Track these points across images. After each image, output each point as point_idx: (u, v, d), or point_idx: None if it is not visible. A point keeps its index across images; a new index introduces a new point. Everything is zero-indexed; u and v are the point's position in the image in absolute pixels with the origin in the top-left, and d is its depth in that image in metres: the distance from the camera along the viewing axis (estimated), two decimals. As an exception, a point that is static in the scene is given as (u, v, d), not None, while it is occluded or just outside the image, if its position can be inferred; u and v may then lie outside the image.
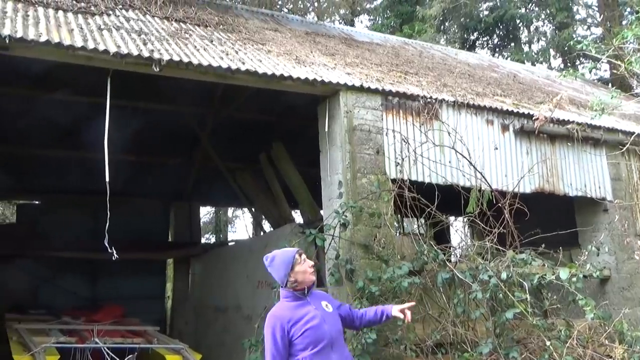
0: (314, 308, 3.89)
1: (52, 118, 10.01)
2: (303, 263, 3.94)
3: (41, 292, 12.00)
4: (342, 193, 7.01)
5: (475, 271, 6.00)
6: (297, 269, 3.92)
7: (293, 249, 4.07)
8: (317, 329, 3.81)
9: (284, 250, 4.08)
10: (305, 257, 3.99)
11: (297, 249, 4.05)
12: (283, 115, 11.15)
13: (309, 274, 3.94)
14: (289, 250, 4.07)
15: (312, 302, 3.93)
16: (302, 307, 3.89)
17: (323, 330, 3.82)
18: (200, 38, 7.95)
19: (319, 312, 3.88)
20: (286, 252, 4.02)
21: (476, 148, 7.93)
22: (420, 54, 12.55)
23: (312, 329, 3.80)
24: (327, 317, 3.90)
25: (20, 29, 5.97)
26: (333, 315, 3.98)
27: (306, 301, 3.92)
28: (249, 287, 9.54)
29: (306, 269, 3.93)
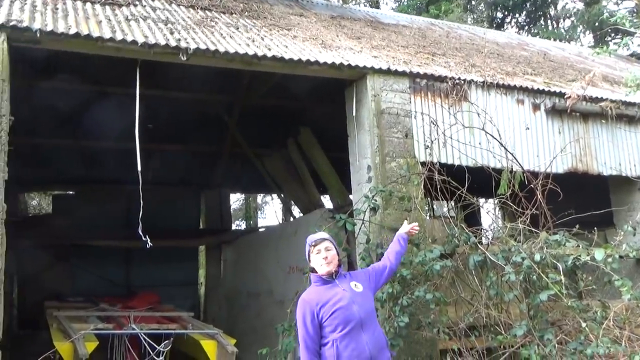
0: (342, 290, 3.95)
1: (84, 109, 10.18)
2: (316, 254, 4.03)
3: (78, 280, 12.29)
4: (371, 177, 6.99)
5: (508, 253, 5.92)
6: (311, 258, 4.08)
7: (311, 238, 4.12)
8: (346, 309, 3.86)
9: (310, 236, 4.13)
10: (320, 249, 4.02)
11: (314, 240, 4.08)
12: (310, 100, 11.12)
13: (321, 265, 4.01)
14: (308, 239, 4.15)
15: (340, 284, 3.99)
16: (330, 289, 3.96)
17: (352, 311, 3.86)
18: (226, 25, 7.97)
19: (348, 293, 3.93)
20: (307, 241, 4.13)
21: (507, 129, 7.81)
22: (448, 34, 12.36)
23: (341, 310, 3.86)
24: (356, 297, 3.94)
25: (50, 22, 6.06)
26: (363, 295, 4.01)
27: (334, 284, 3.99)
28: (280, 273, 9.62)
29: (319, 260, 4.01)
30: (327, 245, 4.03)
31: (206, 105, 11.86)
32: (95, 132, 11.25)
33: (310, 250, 4.06)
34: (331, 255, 4.02)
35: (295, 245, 9.09)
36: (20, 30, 5.69)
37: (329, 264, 3.99)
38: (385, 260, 4.50)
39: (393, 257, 4.53)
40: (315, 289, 4.02)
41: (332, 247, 4.07)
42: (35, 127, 10.66)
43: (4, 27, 5.62)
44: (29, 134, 10.67)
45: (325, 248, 4.02)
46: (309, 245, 4.07)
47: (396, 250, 4.59)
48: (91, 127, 11.18)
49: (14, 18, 5.84)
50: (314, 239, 4.10)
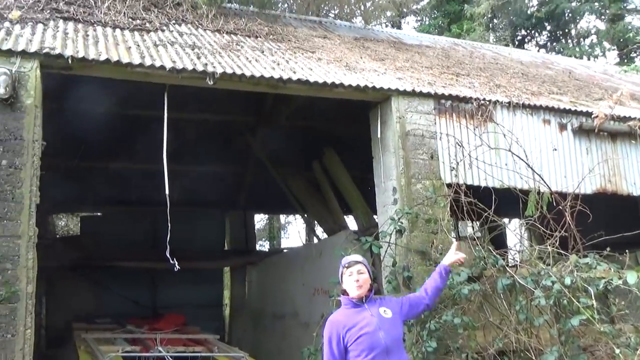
0: (370, 315, 3.92)
1: (112, 131, 10.35)
2: (348, 277, 4.02)
3: (104, 301, 12.39)
4: (396, 199, 6.97)
5: (537, 276, 5.82)
6: (343, 280, 4.07)
7: (345, 260, 4.12)
8: (372, 335, 3.84)
9: (344, 258, 4.15)
10: (353, 271, 4.01)
11: (347, 261, 4.07)
12: (334, 121, 11.17)
13: (353, 288, 3.99)
14: (342, 260, 4.15)
15: (369, 308, 3.97)
16: (359, 313, 3.94)
17: (377, 337, 3.83)
18: (251, 49, 8.07)
19: (375, 319, 3.90)
20: (341, 262, 4.11)
21: (533, 149, 7.74)
22: (471, 54, 12.35)
23: (366, 335, 3.84)
24: (384, 323, 3.91)
25: (81, 49, 6.20)
26: (391, 322, 3.98)
27: (363, 308, 3.97)
28: (305, 294, 9.59)
29: (350, 283, 3.99)
30: (360, 268, 4.02)
31: (231, 127, 11.99)
32: (123, 153, 11.44)
33: (343, 272, 4.05)
34: (363, 279, 4.00)
35: (320, 267, 9.09)
36: (53, 57, 5.82)
37: (360, 288, 3.97)
38: (422, 294, 4.44)
39: (430, 291, 4.45)
40: (344, 311, 4.01)
41: (365, 270, 4.05)
42: (64, 148, 10.86)
43: (37, 54, 5.76)
44: (57, 155, 10.87)
45: (358, 271, 4.01)
46: (342, 267, 4.06)
47: (435, 285, 4.49)
48: (119, 149, 11.38)
49: (46, 45, 5.99)
50: (347, 260, 4.09)
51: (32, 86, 5.67)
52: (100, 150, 11.38)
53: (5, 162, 5.37)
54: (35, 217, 5.48)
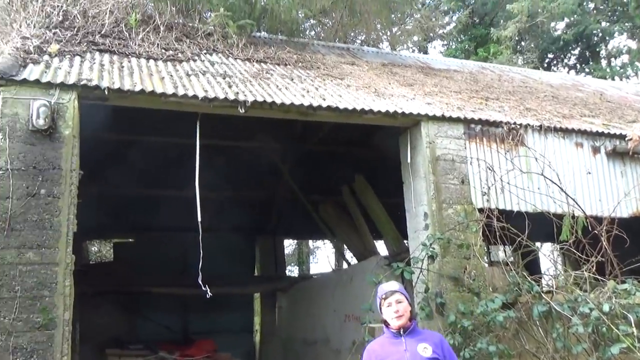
0: (404, 349, 3.78)
1: (144, 159, 10.54)
2: (387, 307, 3.91)
3: (137, 326, 12.48)
4: (428, 224, 6.93)
5: (574, 303, 5.72)
6: (382, 310, 3.96)
7: (382, 289, 4.02)
8: None
9: (380, 287, 4.06)
10: (391, 301, 3.90)
11: (384, 292, 3.96)
12: (364, 147, 11.21)
13: (392, 318, 3.89)
14: (379, 289, 4.05)
15: (407, 341, 3.82)
16: (394, 345, 3.84)
17: None
18: (281, 77, 8.19)
19: (408, 354, 3.76)
20: (377, 291, 4.04)
21: (566, 173, 7.65)
22: (500, 77, 12.31)
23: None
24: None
25: (117, 80, 6.37)
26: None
27: (400, 340, 3.84)
28: (336, 321, 9.53)
29: (390, 314, 3.89)
30: (399, 297, 3.89)
31: (261, 153, 12.10)
32: (156, 180, 11.62)
33: (381, 302, 3.94)
34: (403, 308, 3.87)
35: (351, 293, 9.04)
36: (90, 88, 5.98)
37: (400, 318, 3.85)
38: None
39: None
40: (383, 340, 3.94)
41: (404, 298, 3.92)
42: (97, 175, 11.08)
43: (75, 86, 5.93)
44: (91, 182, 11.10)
45: (397, 301, 3.88)
46: (380, 297, 3.95)
47: None
48: (152, 176, 11.56)
49: (84, 77, 6.17)
50: (384, 290, 3.96)
51: (70, 117, 5.83)
52: (133, 177, 11.58)
53: (44, 191, 5.51)
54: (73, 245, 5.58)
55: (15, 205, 5.34)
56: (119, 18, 8.94)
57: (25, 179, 5.47)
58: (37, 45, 6.82)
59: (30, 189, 5.46)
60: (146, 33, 8.73)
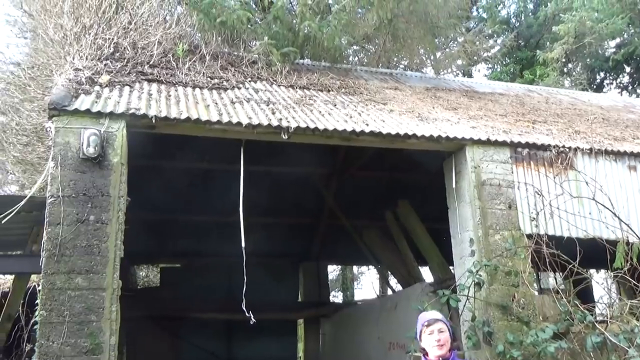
0: None
1: (191, 185, 10.73)
2: (428, 335, 3.82)
3: (182, 351, 12.57)
4: (474, 251, 6.78)
5: (630, 334, 5.47)
6: (422, 338, 3.87)
7: (424, 317, 3.94)
8: None
9: (422, 314, 4.00)
10: (433, 330, 3.81)
11: (427, 319, 3.88)
12: (408, 171, 11.12)
13: (432, 347, 3.78)
14: (421, 317, 3.98)
15: None
16: None
17: None
18: (324, 103, 8.23)
19: None
20: (419, 319, 3.95)
21: (619, 197, 7.38)
22: (547, 100, 12.07)
23: None
24: None
25: (164, 108, 6.52)
26: None
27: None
28: (380, 349, 9.38)
29: (431, 342, 3.79)
30: (441, 327, 3.81)
31: (304, 178, 12.16)
32: (201, 206, 11.79)
33: (423, 330, 3.85)
34: (444, 337, 3.78)
35: (396, 320, 8.90)
36: (138, 117, 6.15)
37: (442, 347, 3.75)
38: None
39: None
40: None
41: (446, 329, 3.83)
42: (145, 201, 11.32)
43: (124, 115, 6.10)
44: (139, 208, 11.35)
45: (439, 330, 3.80)
46: (422, 325, 3.87)
47: None
48: (197, 202, 11.74)
49: (132, 106, 6.34)
50: (427, 318, 3.89)
51: (118, 145, 5.99)
52: (180, 203, 11.79)
53: (93, 217, 5.65)
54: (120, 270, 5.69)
55: (66, 231, 5.49)
56: (167, 49, 9.20)
57: (75, 205, 5.63)
58: (88, 77, 7.06)
59: (79, 215, 5.61)
60: (192, 62, 8.95)
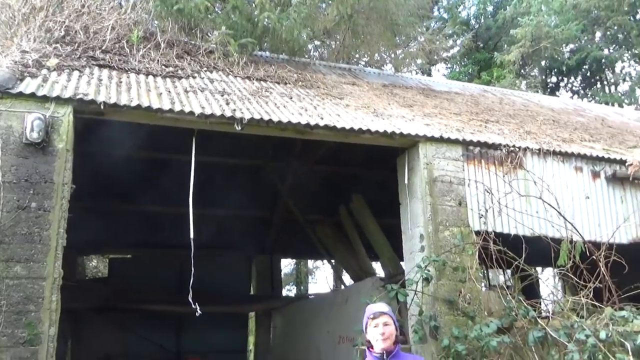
0: None
1: (142, 174, 10.51)
2: (373, 328, 3.80)
3: (129, 343, 12.33)
4: (423, 246, 6.85)
5: (570, 329, 5.62)
6: (368, 331, 3.85)
7: (370, 309, 3.91)
8: None
9: (369, 307, 3.97)
10: (378, 322, 3.79)
11: (373, 312, 3.85)
12: (362, 167, 11.17)
13: (377, 340, 3.77)
14: (367, 309, 3.96)
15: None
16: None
17: None
18: (280, 95, 8.18)
19: None
20: (366, 311, 3.95)
21: (565, 197, 7.58)
22: (501, 101, 12.31)
23: None
24: None
25: (114, 95, 6.36)
26: None
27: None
28: (329, 342, 9.40)
29: (374, 335, 3.77)
30: (386, 320, 3.79)
31: (259, 171, 12.07)
32: (152, 197, 11.57)
33: (368, 322, 3.83)
34: (389, 331, 3.76)
35: (346, 315, 8.93)
36: (86, 103, 5.97)
37: (385, 341, 3.74)
38: None
39: None
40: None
41: (391, 322, 3.81)
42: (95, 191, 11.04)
43: (71, 100, 5.92)
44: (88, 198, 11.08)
45: (384, 323, 3.77)
46: (367, 317, 3.85)
47: None
48: (148, 192, 11.52)
49: (80, 92, 6.15)
50: (372, 311, 3.87)
51: (64, 131, 5.81)
52: (130, 193, 11.53)
53: (35, 204, 5.46)
54: (63, 258, 5.52)
55: (5, 217, 5.29)
56: (121, 34, 8.97)
57: (16, 191, 5.43)
58: (36, 59, 6.82)
59: (20, 202, 5.41)
60: (147, 50, 8.76)
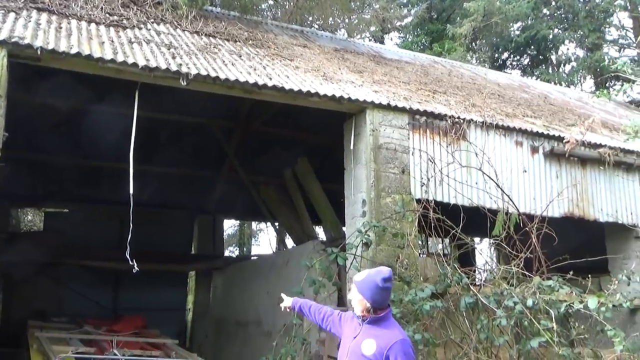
0: (353, 336, 3.63)
1: (82, 128, 10.15)
2: (350, 293, 3.75)
3: (64, 300, 12.09)
4: (365, 212, 6.93)
5: (500, 296, 5.84)
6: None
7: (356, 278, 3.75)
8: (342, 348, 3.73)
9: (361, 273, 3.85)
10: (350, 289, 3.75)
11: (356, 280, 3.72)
12: (309, 132, 11.14)
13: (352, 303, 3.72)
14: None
15: (363, 330, 3.62)
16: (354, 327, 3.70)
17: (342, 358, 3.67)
18: (229, 53, 8.00)
19: (353, 343, 3.61)
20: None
21: (504, 170, 7.79)
22: (450, 72, 12.44)
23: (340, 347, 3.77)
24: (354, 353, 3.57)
25: (52, 40, 6.07)
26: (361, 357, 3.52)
27: (358, 325, 3.67)
28: (269, 303, 9.46)
29: (351, 298, 3.73)
30: (352, 287, 3.71)
31: (206, 130, 11.87)
32: (92, 150, 11.23)
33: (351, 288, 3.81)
34: (353, 298, 3.68)
35: (286, 276, 8.99)
36: (22, 47, 5.69)
37: (354, 307, 3.69)
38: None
39: None
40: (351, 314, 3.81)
41: (355, 290, 3.66)
42: (32, 142, 10.63)
43: (5, 43, 5.62)
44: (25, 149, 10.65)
45: (350, 289, 3.73)
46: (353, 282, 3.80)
47: None
48: (88, 146, 11.16)
49: (16, 35, 5.84)
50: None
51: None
52: (68, 146, 11.14)
53: (-36, 150, 5.20)
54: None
55: None
56: (63, -23, 8.52)
57: (-57, 136, 5.15)
58: (-33, -2, 6.42)
59: (-53, 148, 5.14)
60: (90, -5, 8.36)
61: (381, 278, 3.57)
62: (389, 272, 3.64)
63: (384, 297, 3.60)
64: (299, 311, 4.40)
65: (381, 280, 3.56)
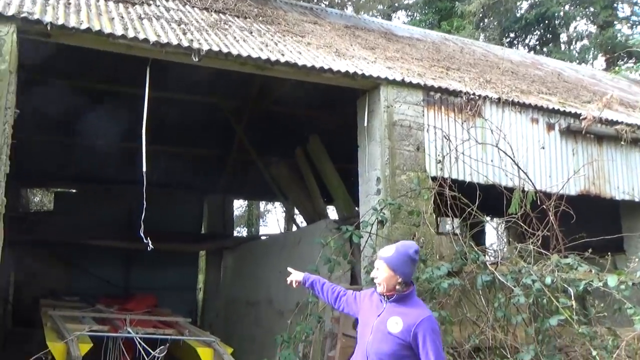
0: (377, 314, 3.54)
1: (92, 107, 10.08)
2: (376, 271, 3.63)
3: (75, 279, 12.14)
4: (380, 189, 6.85)
5: (517, 274, 5.76)
6: None
7: (383, 254, 3.65)
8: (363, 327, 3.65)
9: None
10: (376, 265, 3.64)
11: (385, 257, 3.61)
12: (321, 109, 11.01)
13: (377, 281, 3.60)
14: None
15: (387, 308, 3.53)
16: (376, 306, 3.61)
17: (364, 338, 3.57)
18: (239, 29, 7.87)
19: (376, 322, 3.52)
20: None
21: (520, 147, 7.67)
22: (462, 49, 12.25)
23: (360, 325, 3.70)
24: (379, 331, 3.48)
25: (61, 16, 5.96)
26: (387, 335, 3.43)
27: (380, 305, 3.58)
28: (281, 282, 9.41)
29: (377, 275, 3.61)
30: (379, 264, 3.60)
31: (215, 110, 11.76)
32: (102, 130, 11.15)
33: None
34: (380, 275, 3.56)
35: (298, 255, 8.95)
36: (31, 22, 5.59)
37: (379, 285, 3.57)
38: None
39: None
40: (372, 291, 3.71)
41: (384, 266, 3.55)
42: (42, 122, 10.55)
43: (15, 18, 5.52)
44: (35, 129, 10.58)
45: (377, 267, 3.62)
46: None
47: None
48: (98, 126, 11.08)
49: (25, 10, 5.74)
50: (377, 253, 3.74)
51: (7, 51, 5.44)
52: (77, 125, 11.06)
53: (-25, 128, 5.14)
54: (6, 188, 5.24)
55: (-58, 140, 4.96)
56: (71, -48, 8.37)
57: (-46, 113, 5.08)
58: (-25, -28, 6.28)
59: (-41, 125, 5.08)
60: (99, -29, 8.21)
61: (413, 250, 3.55)
62: (415, 244, 3.59)
63: (413, 271, 3.59)
64: (309, 287, 4.29)
65: (414, 252, 3.54)
